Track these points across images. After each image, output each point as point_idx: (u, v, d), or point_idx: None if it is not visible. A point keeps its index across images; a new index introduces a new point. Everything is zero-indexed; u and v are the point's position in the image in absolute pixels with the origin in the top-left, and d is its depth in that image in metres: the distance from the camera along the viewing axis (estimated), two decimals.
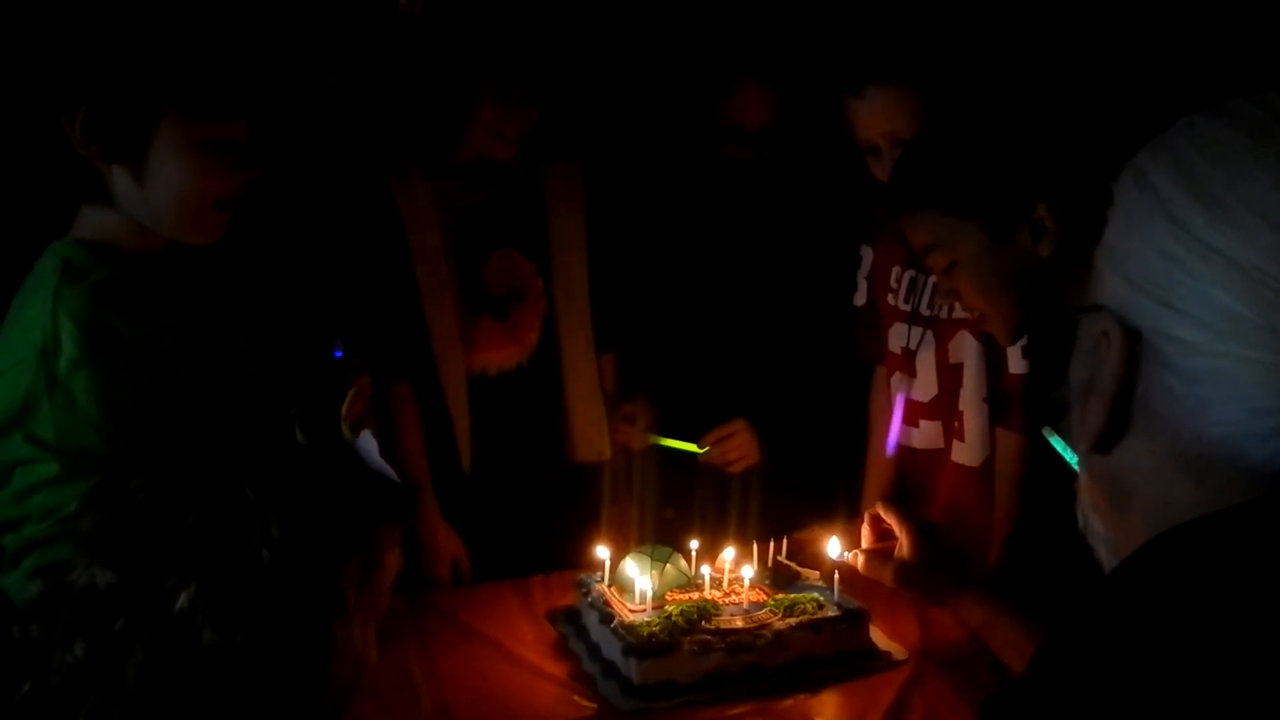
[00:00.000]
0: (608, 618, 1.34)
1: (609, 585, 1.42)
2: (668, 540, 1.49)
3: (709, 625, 1.31)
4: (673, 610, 1.33)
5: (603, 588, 1.42)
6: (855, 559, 1.35)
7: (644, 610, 1.34)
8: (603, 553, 1.45)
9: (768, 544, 1.47)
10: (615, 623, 1.32)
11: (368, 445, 0.92)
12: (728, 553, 1.45)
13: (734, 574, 1.43)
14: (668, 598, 1.38)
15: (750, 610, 1.37)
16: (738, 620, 1.34)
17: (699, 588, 1.42)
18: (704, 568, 1.44)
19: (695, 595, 1.39)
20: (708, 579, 1.42)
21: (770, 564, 1.46)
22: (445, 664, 1.36)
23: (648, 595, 1.36)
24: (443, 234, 1.77)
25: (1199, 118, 0.53)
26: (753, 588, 1.41)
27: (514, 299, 1.81)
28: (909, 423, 1.69)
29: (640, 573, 1.39)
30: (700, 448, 1.87)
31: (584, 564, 1.52)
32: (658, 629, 1.28)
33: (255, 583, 0.77)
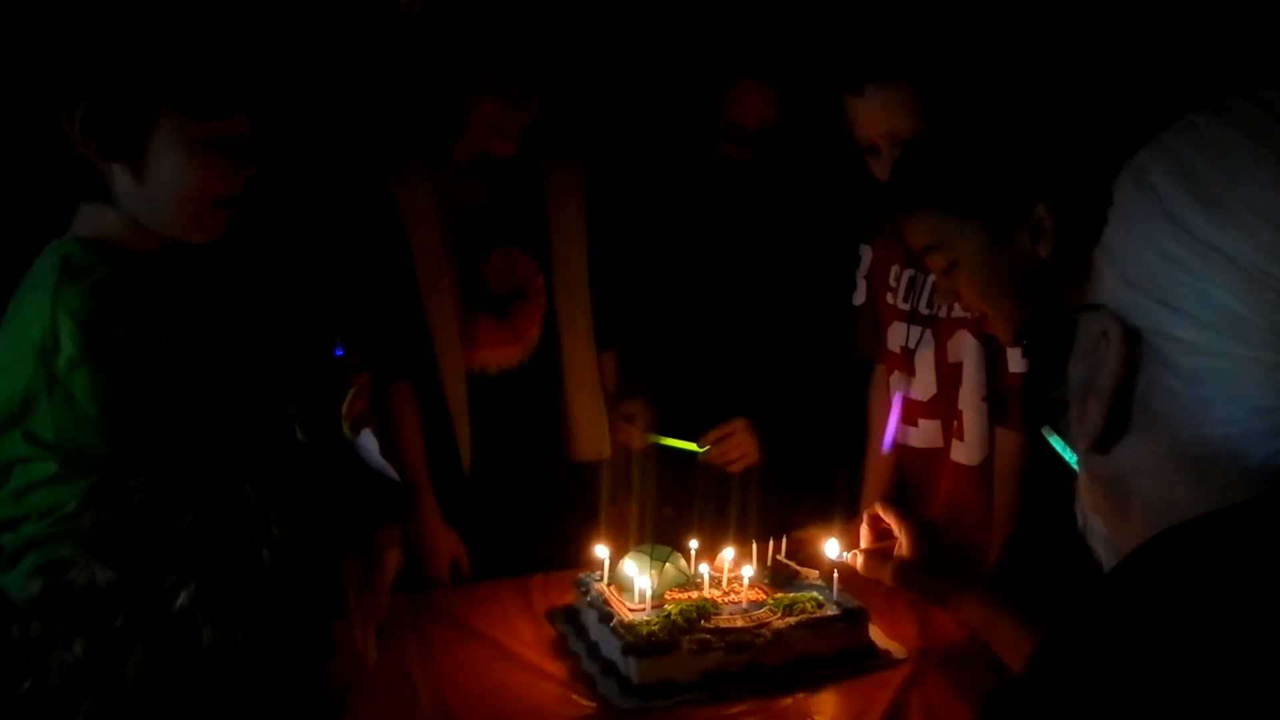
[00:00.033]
0: (607, 617, 1.34)
1: (608, 584, 1.42)
2: (667, 539, 1.48)
3: (708, 624, 1.31)
4: (672, 609, 1.33)
5: (602, 587, 1.42)
6: (854, 559, 1.35)
7: (643, 609, 1.35)
8: (602, 552, 1.45)
9: (767, 543, 1.47)
10: (614, 622, 1.32)
11: (368, 444, 0.92)
12: (727, 552, 1.45)
13: (733, 573, 1.43)
14: (667, 597, 1.38)
15: (749, 609, 1.37)
16: (737, 619, 1.34)
17: (698, 587, 1.42)
18: (703, 567, 1.44)
19: (694, 594, 1.40)
20: (707, 578, 1.42)
21: (769, 563, 1.46)
22: (445, 663, 1.36)
23: (647, 594, 1.36)
24: (443, 232, 1.77)
25: (1198, 117, 0.53)
26: (752, 587, 1.41)
27: (514, 297, 1.81)
28: (908, 421, 1.69)
29: (639, 572, 1.39)
30: (700, 447, 1.87)
31: (583, 563, 1.52)
32: (657, 628, 1.28)
33: (255, 581, 0.77)
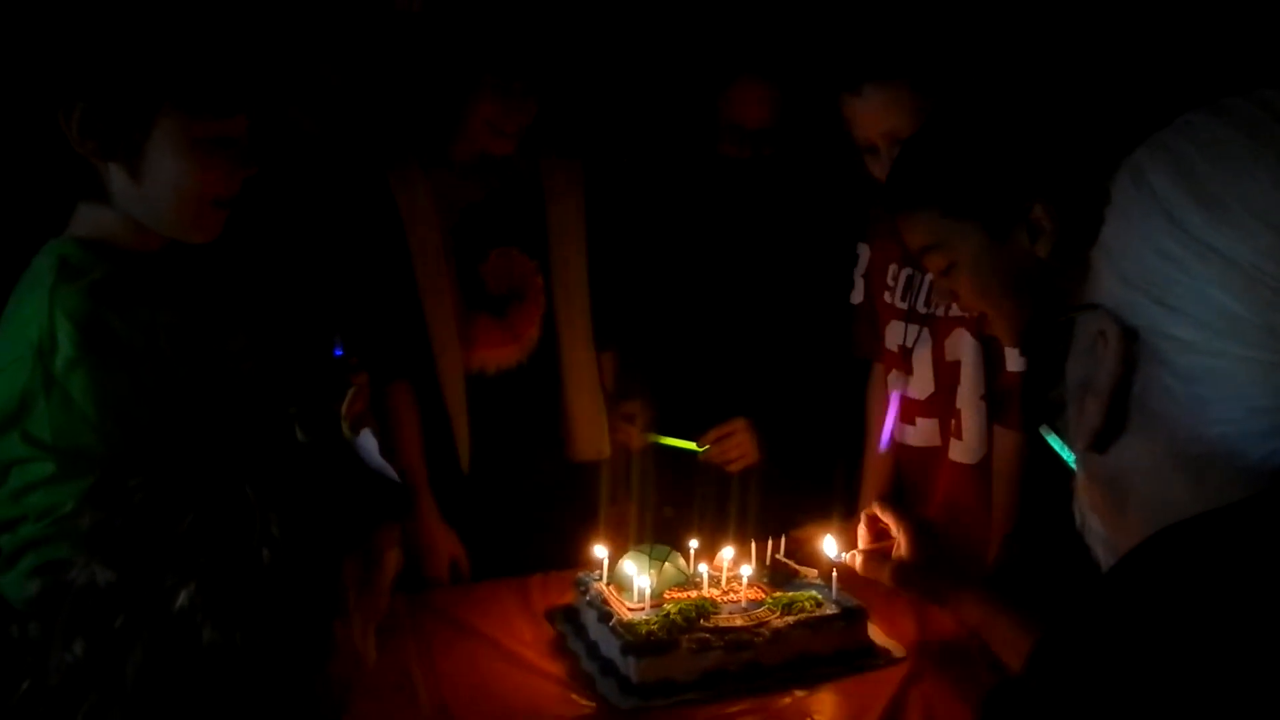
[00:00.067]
0: (606, 616, 1.34)
1: (607, 584, 1.42)
2: (666, 539, 1.49)
3: (707, 623, 1.31)
4: (671, 608, 1.33)
5: (601, 586, 1.42)
6: (853, 560, 1.35)
7: (642, 608, 1.35)
8: (601, 551, 1.45)
9: (766, 542, 1.47)
10: (614, 621, 1.32)
11: (368, 444, 0.92)
12: (726, 551, 1.45)
13: (732, 572, 1.43)
14: (666, 596, 1.38)
15: (748, 608, 1.37)
16: (736, 618, 1.34)
17: (697, 586, 1.42)
18: (702, 566, 1.44)
19: (694, 593, 1.40)
20: (706, 577, 1.43)
21: (768, 562, 1.46)
22: (444, 663, 1.36)
23: (646, 593, 1.36)
24: (442, 232, 1.76)
25: (1197, 116, 0.53)
26: (751, 586, 1.41)
27: (513, 297, 1.81)
28: (906, 420, 1.69)
29: (639, 571, 1.39)
30: (699, 446, 1.87)
31: (582, 562, 1.52)
32: (656, 627, 1.28)
33: (255, 581, 0.77)
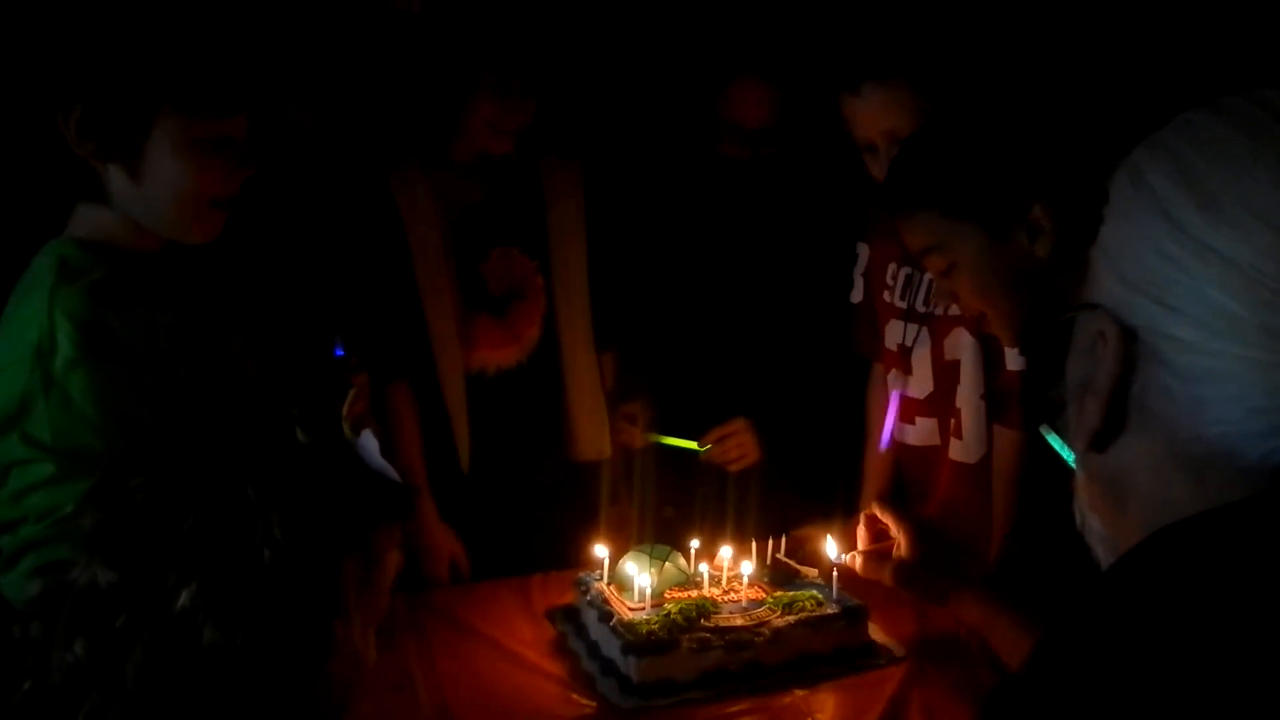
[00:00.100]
0: (606, 616, 1.34)
1: (608, 583, 1.42)
2: (667, 538, 1.49)
3: (708, 623, 1.31)
4: (671, 608, 1.33)
5: (602, 586, 1.42)
6: (853, 561, 1.35)
7: (643, 608, 1.35)
8: (601, 551, 1.45)
9: (766, 542, 1.47)
10: (614, 621, 1.32)
11: (369, 445, 0.92)
12: (725, 551, 1.45)
13: (733, 572, 1.43)
14: (667, 596, 1.38)
15: (749, 608, 1.37)
16: (736, 618, 1.34)
17: (698, 585, 1.42)
18: (703, 565, 1.45)
19: (694, 593, 1.40)
20: (706, 577, 1.43)
21: (769, 562, 1.46)
22: (444, 663, 1.36)
23: (646, 593, 1.36)
24: (442, 232, 1.77)
25: (1196, 115, 0.53)
26: (751, 585, 1.41)
27: (514, 297, 1.81)
28: (905, 419, 1.69)
29: (639, 571, 1.39)
30: (700, 446, 1.87)
31: (583, 562, 1.52)
32: (656, 627, 1.28)
33: (256, 582, 0.77)
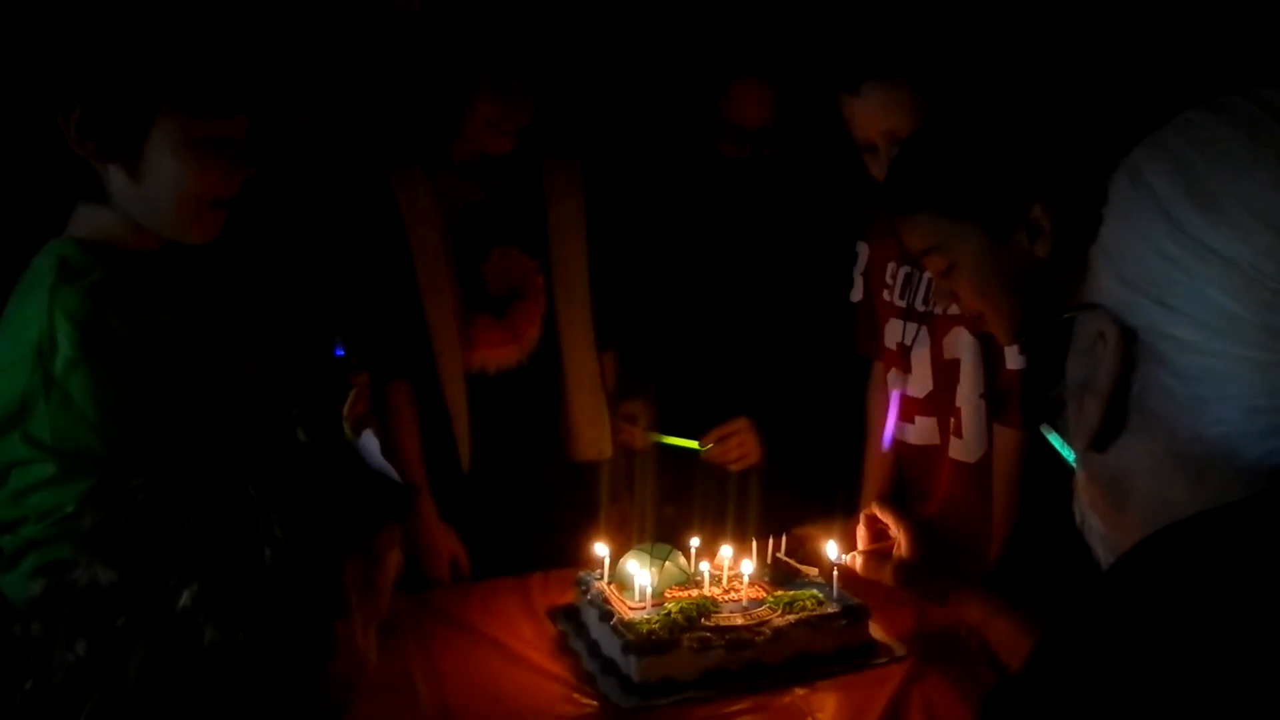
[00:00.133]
0: (607, 615, 1.34)
1: (608, 583, 1.43)
2: (667, 537, 1.49)
3: (708, 622, 1.32)
4: (672, 607, 1.33)
5: (602, 585, 1.42)
6: (853, 561, 1.35)
7: (643, 607, 1.35)
8: (602, 550, 1.45)
9: (767, 541, 1.47)
10: (615, 620, 1.32)
11: (369, 445, 0.92)
12: (725, 551, 1.45)
13: (733, 571, 1.43)
14: (667, 595, 1.39)
15: (749, 607, 1.37)
16: (737, 617, 1.34)
17: (698, 585, 1.42)
18: (703, 564, 1.45)
19: (695, 592, 1.40)
20: (707, 576, 1.43)
21: (769, 561, 1.47)
22: (445, 662, 1.37)
23: (647, 592, 1.36)
24: (443, 232, 1.77)
25: (1196, 114, 0.53)
26: (752, 585, 1.41)
27: (514, 297, 1.81)
28: (905, 419, 1.69)
29: (640, 570, 1.39)
30: (700, 444, 1.87)
31: (583, 561, 1.52)
32: (657, 626, 1.29)
33: (257, 581, 0.77)
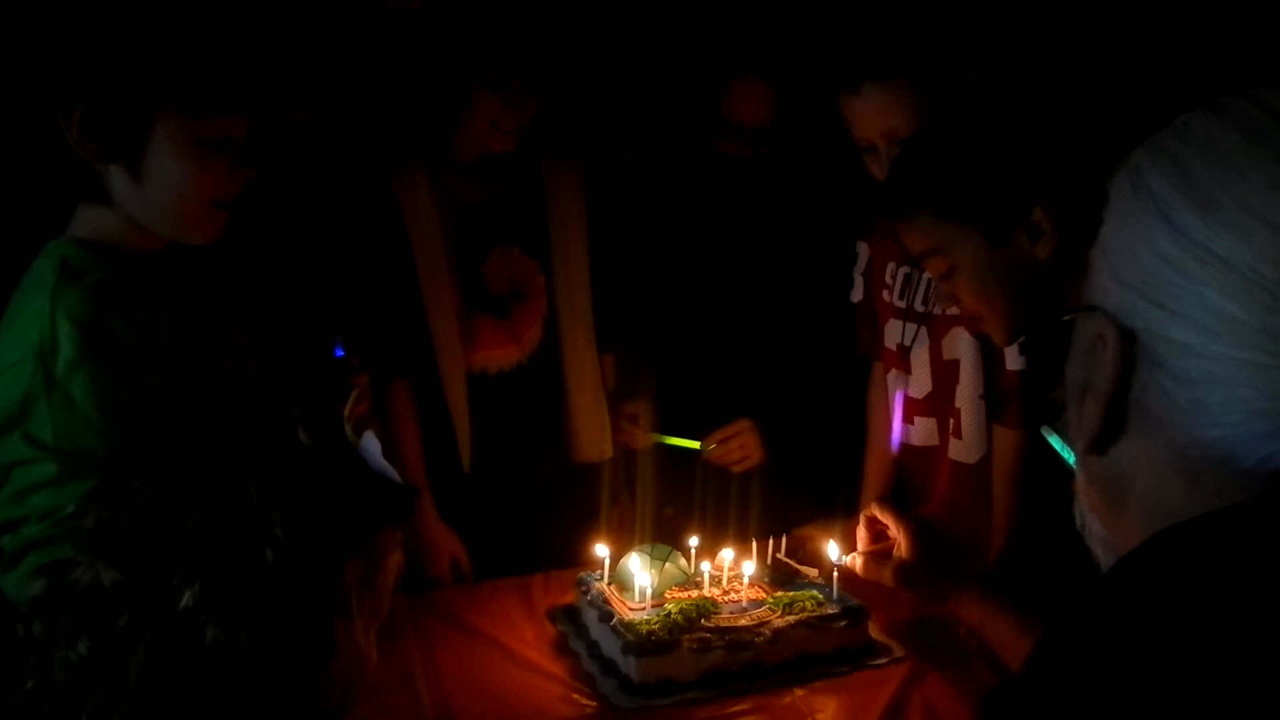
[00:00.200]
0: (607, 616, 1.34)
1: (609, 583, 1.43)
2: (667, 538, 1.49)
3: (708, 623, 1.32)
4: (672, 608, 1.33)
5: (602, 586, 1.42)
6: (854, 562, 1.35)
7: (643, 608, 1.35)
8: (602, 551, 1.45)
9: (767, 542, 1.47)
10: (614, 621, 1.32)
11: (370, 446, 0.92)
12: (726, 553, 1.45)
13: (733, 572, 1.43)
14: (667, 595, 1.39)
15: (749, 608, 1.37)
16: (737, 618, 1.34)
17: (698, 585, 1.42)
18: (703, 565, 1.45)
19: (694, 593, 1.40)
20: (707, 577, 1.43)
21: (769, 562, 1.47)
22: (445, 662, 1.37)
23: (647, 593, 1.36)
24: (444, 232, 1.77)
25: (1195, 116, 0.53)
26: (752, 585, 1.41)
27: (514, 297, 1.81)
28: (905, 419, 1.69)
29: (640, 570, 1.39)
30: (701, 444, 1.87)
31: (584, 562, 1.52)
32: (657, 627, 1.29)
33: (259, 582, 0.77)
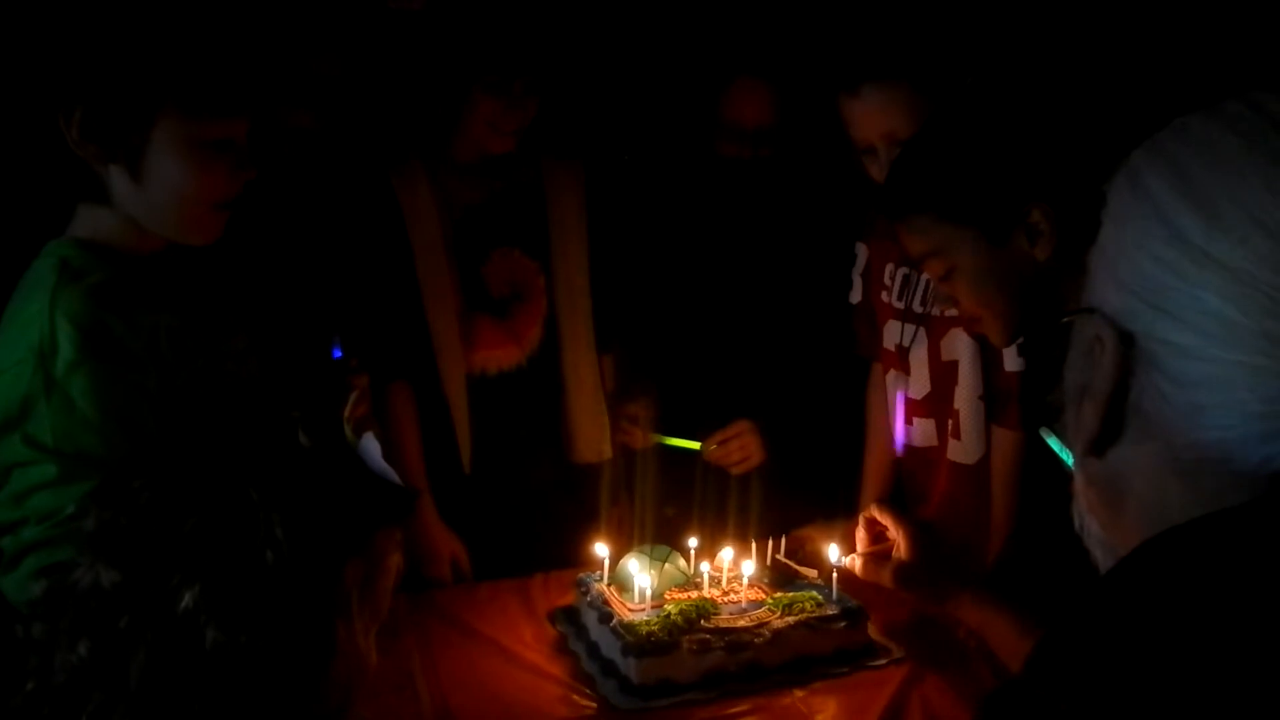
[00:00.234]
0: (607, 617, 1.34)
1: (608, 584, 1.43)
2: (667, 539, 1.49)
3: (708, 624, 1.32)
4: (671, 609, 1.33)
5: (602, 587, 1.42)
6: (853, 564, 1.35)
7: (643, 609, 1.35)
8: (602, 551, 1.46)
9: (766, 543, 1.47)
10: (614, 622, 1.32)
11: (370, 447, 0.93)
12: (725, 553, 1.45)
13: (733, 572, 1.43)
14: (667, 596, 1.39)
15: (749, 609, 1.37)
16: (737, 619, 1.34)
17: (698, 586, 1.42)
18: (703, 566, 1.45)
19: (694, 594, 1.40)
20: (706, 578, 1.43)
21: (769, 562, 1.47)
22: (445, 663, 1.37)
23: (647, 594, 1.36)
24: (444, 232, 1.77)
25: (1193, 119, 0.53)
26: (751, 586, 1.41)
27: (515, 298, 1.81)
28: (904, 420, 1.70)
29: (639, 571, 1.39)
30: (700, 445, 1.87)
31: (583, 563, 1.52)
32: (656, 628, 1.29)
33: (259, 583, 0.77)
